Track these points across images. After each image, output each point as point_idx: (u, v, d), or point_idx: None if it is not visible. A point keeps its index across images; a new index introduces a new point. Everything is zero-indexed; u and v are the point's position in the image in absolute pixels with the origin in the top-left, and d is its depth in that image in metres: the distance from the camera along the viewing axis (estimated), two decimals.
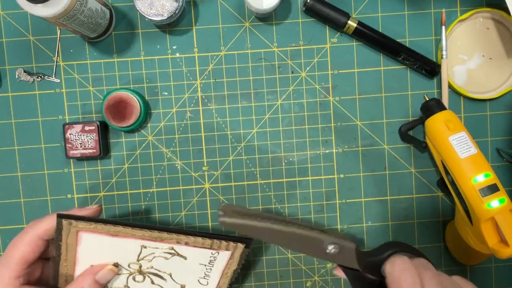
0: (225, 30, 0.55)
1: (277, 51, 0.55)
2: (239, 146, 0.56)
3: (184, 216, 0.56)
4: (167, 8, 0.49)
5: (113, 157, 0.55)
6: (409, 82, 0.56)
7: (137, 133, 0.55)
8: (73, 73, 0.55)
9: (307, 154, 0.56)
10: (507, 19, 0.54)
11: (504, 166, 0.56)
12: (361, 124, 0.56)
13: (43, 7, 0.42)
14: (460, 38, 0.55)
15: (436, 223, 0.57)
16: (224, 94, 0.55)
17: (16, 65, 0.54)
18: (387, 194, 0.56)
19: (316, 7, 0.52)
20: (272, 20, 0.55)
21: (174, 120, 0.55)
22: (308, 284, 0.57)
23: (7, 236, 0.55)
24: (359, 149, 0.56)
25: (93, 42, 0.54)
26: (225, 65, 0.55)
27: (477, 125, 0.56)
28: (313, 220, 0.56)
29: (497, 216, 0.45)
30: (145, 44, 0.54)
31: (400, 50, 0.53)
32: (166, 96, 0.55)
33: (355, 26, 0.53)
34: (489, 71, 0.55)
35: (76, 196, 0.55)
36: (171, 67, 0.55)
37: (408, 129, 0.55)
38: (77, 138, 0.52)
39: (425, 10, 0.55)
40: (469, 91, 0.54)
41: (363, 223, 0.57)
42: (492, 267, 0.57)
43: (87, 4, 0.45)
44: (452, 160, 0.48)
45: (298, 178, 0.56)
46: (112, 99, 0.52)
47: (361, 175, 0.56)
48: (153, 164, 0.55)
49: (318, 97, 0.55)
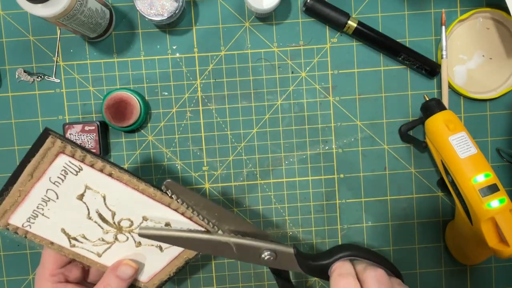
0: (225, 30, 0.55)
1: (277, 51, 0.55)
2: (239, 146, 0.56)
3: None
4: (167, 8, 0.49)
5: (113, 157, 0.55)
6: (409, 82, 0.56)
7: (137, 133, 0.55)
8: (73, 73, 0.55)
9: (307, 154, 0.56)
10: (507, 19, 0.54)
11: (504, 166, 0.56)
12: (361, 124, 0.56)
13: (43, 7, 0.41)
14: (460, 38, 0.55)
15: (436, 223, 0.57)
16: (224, 94, 0.55)
17: (16, 65, 0.54)
18: (387, 194, 0.56)
19: (316, 7, 0.53)
20: (272, 20, 0.55)
21: (174, 120, 0.55)
22: (308, 284, 0.57)
23: (7, 236, 0.55)
24: (359, 149, 0.56)
25: (93, 42, 0.54)
26: (225, 65, 0.55)
27: (477, 125, 0.56)
28: (313, 220, 0.56)
29: (497, 216, 0.45)
30: (145, 44, 0.54)
31: (400, 50, 0.53)
32: (166, 96, 0.55)
33: (355, 26, 0.53)
34: (489, 71, 0.55)
35: None
36: (171, 67, 0.55)
37: (408, 129, 0.55)
38: (77, 138, 0.52)
39: (425, 10, 0.55)
40: (469, 91, 0.54)
41: (363, 223, 0.57)
42: (492, 267, 0.57)
43: (87, 4, 0.45)
44: (452, 160, 0.48)
45: (298, 178, 0.56)
46: (112, 99, 0.52)
47: (361, 175, 0.56)
48: (153, 164, 0.55)
49: (318, 97, 0.55)
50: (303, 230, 0.56)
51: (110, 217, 0.43)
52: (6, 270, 0.56)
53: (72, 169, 0.40)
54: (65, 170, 0.40)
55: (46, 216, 0.42)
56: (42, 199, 0.41)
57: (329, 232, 0.56)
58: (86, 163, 0.40)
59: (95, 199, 0.42)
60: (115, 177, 0.41)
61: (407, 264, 0.57)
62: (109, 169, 0.40)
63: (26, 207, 0.41)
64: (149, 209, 0.42)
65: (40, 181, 0.40)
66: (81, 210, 0.42)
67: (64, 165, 0.39)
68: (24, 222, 0.42)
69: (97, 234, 0.44)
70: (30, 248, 0.56)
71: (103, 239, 0.44)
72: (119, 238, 0.44)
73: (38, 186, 0.40)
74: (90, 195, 0.41)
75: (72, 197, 0.41)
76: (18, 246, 0.56)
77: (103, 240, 0.44)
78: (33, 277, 0.56)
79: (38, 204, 0.41)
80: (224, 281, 0.56)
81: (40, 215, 0.42)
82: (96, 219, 0.43)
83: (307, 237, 0.56)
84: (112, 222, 0.43)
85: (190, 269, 0.56)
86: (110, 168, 0.40)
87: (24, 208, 0.41)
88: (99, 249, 0.45)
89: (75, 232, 0.43)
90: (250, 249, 0.41)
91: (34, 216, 0.42)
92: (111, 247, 0.45)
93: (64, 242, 0.44)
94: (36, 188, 0.40)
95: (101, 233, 0.44)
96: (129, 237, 0.44)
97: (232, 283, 0.56)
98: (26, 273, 0.56)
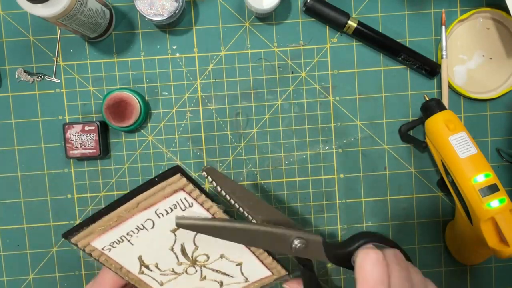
0: (225, 30, 0.55)
1: (277, 51, 0.55)
2: (239, 146, 0.56)
3: None
4: (167, 8, 0.49)
5: (113, 157, 0.55)
6: (409, 82, 0.56)
7: (137, 133, 0.55)
8: (73, 73, 0.55)
9: (307, 154, 0.56)
10: (507, 19, 0.54)
11: (504, 166, 0.56)
12: (361, 124, 0.56)
13: (43, 7, 0.41)
14: (460, 38, 0.55)
15: (436, 223, 0.57)
16: (224, 94, 0.55)
17: (16, 65, 0.54)
18: (387, 194, 0.56)
19: (316, 7, 0.52)
20: (272, 20, 0.55)
21: (174, 120, 0.55)
22: None
23: (7, 236, 0.55)
24: (359, 149, 0.56)
25: (93, 42, 0.54)
26: (225, 65, 0.55)
27: (477, 125, 0.56)
28: (313, 220, 0.56)
29: (497, 216, 0.45)
30: (145, 44, 0.54)
31: (400, 50, 0.53)
32: (166, 96, 0.55)
33: (355, 26, 0.53)
34: (489, 71, 0.55)
35: (76, 196, 0.55)
36: (171, 67, 0.55)
37: (408, 129, 0.55)
38: (77, 138, 0.52)
39: (425, 10, 0.55)
40: (469, 91, 0.54)
41: (363, 223, 0.57)
42: (492, 267, 0.57)
43: (87, 4, 0.45)
44: (452, 160, 0.48)
45: (298, 178, 0.56)
46: (112, 99, 0.52)
47: (361, 175, 0.56)
48: (153, 164, 0.55)
49: (318, 97, 0.55)
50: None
51: (191, 251, 0.42)
52: (6, 270, 0.56)
53: (183, 204, 0.39)
54: (175, 205, 0.39)
55: (131, 243, 0.40)
56: (137, 227, 0.39)
57: (329, 232, 0.56)
58: (198, 202, 0.39)
59: (187, 233, 0.40)
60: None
61: None
62: (215, 209, 0.40)
63: (116, 232, 0.39)
64: (230, 248, 0.42)
65: (145, 211, 0.38)
66: (167, 242, 0.41)
67: (178, 200, 0.38)
68: (106, 245, 0.40)
69: (170, 264, 0.42)
70: (31, 249, 0.56)
71: (173, 270, 0.43)
72: (189, 271, 0.43)
73: (140, 215, 0.38)
74: (185, 230, 0.40)
75: (167, 229, 0.40)
76: (18, 246, 0.56)
77: (173, 270, 0.43)
78: (33, 277, 0.56)
79: (129, 231, 0.39)
80: None
81: (125, 241, 0.40)
82: (177, 251, 0.42)
83: None
84: (190, 256, 0.42)
85: None
86: (215, 209, 0.40)
87: (113, 233, 0.39)
88: (165, 278, 0.43)
89: (150, 260, 0.42)
90: (282, 238, 0.40)
91: (119, 241, 0.40)
92: (177, 278, 0.44)
93: (135, 268, 0.42)
94: (137, 217, 0.39)
95: (174, 264, 0.43)
96: (198, 271, 0.44)
97: None
98: (26, 273, 0.56)
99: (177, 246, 0.41)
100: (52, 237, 0.55)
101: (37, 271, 0.56)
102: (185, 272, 0.44)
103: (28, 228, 0.55)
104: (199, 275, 0.44)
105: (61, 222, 0.55)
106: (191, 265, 0.43)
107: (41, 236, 0.55)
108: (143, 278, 0.43)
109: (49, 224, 0.55)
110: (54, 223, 0.55)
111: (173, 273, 0.43)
